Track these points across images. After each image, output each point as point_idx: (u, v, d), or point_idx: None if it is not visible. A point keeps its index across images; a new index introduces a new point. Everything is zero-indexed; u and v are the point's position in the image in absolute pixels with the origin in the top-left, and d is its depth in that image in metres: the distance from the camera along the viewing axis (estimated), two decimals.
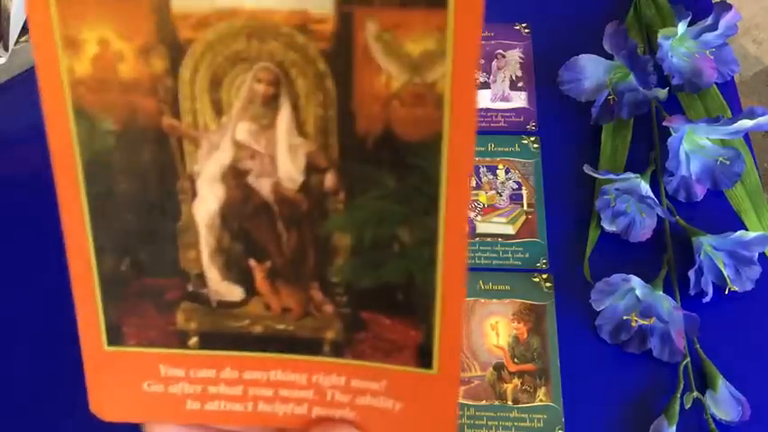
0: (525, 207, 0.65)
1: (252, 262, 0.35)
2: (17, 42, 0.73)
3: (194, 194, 0.34)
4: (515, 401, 0.56)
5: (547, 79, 0.72)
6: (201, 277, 0.35)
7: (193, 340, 0.36)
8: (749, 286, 0.60)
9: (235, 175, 0.33)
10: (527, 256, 0.63)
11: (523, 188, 0.66)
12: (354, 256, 0.34)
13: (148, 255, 0.35)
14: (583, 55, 0.69)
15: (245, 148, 0.33)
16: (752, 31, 0.99)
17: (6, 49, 0.72)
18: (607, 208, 0.62)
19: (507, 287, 0.61)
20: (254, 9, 0.30)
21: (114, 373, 0.36)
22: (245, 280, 0.35)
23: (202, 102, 0.32)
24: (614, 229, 0.63)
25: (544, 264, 0.63)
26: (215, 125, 0.33)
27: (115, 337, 0.36)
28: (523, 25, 0.76)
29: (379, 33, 0.30)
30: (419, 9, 0.30)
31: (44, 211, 0.66)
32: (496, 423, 0.55)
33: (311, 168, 0.33)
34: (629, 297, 0.59)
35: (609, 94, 0.67)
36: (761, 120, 0.59)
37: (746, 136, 0.66)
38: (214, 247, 0.35)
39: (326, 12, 0.30)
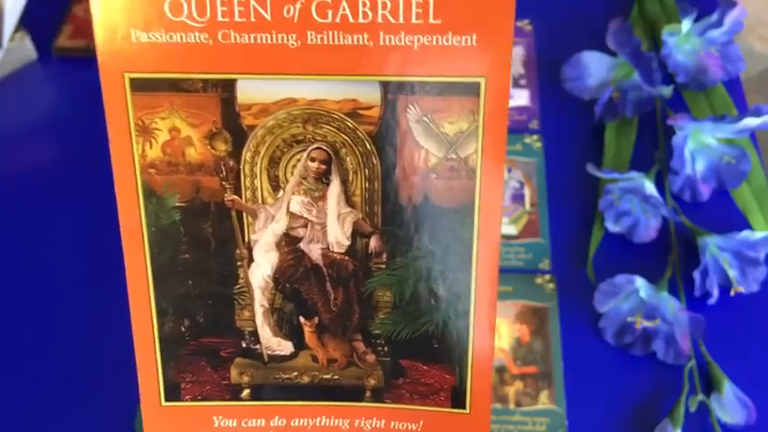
0: (527, 207, 0.65)
1: (301, 319, 0.39)
2: (11, 39, 0.72)
3: (251, 260, 0.38)
4: (517, 405, 0.56)
5: (549, 77, 0.71)
6: (255, 334, 0.39)
7: (246, 393, 0.40)
8: (755, 287, 0.59)
9: (288, 242, 0.38)
10: (529, 256, 0.62)
11: (526, 188, 0.66)
12: (395, 311, 0.38)
13: (206, 316, 0.39)
14: (586, 52, 0.69)
15: (299, 218, 0.38)
16: (758, 29, 0.98)
17: (0, 45, 0.71)
18: (611, 208, 0.62)
19: (509, 288, 0.60)
20: (310, 99, 0.35)
21: (171, 427, 0.40)
22: (295, 335, 0.39)
23: (261, 179, 0.37)
24: (618, 229, 0.62)
25: (547, 265, 0.62)
26: (272, 199, 0.38)
27: (172, 393, 0.40)
28: (526, 22, 0.76)
29: (420, 117, 0.36)
30: (455, 96, 0.35)
31: (39, 209, 0.66)
32: (498, 426, 0.55)
33: (357, 234, 0.38)
34: (633, 298, 0.58)
35: (612, 92, 0.67)
36: (767, 118, 0.58)
37: (753, 135, 0.65)
38: (267, 306, 0.39)
39: (374, 100, 0.35)
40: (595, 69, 0.69)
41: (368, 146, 0.36)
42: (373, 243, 0.38)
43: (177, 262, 0.38)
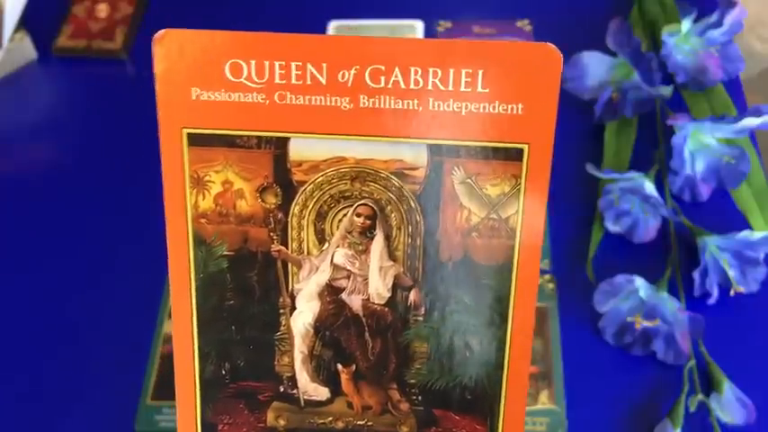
0: None
1: (339, 366, 0.40)
2: (11, 39, 0.72)
3: (293, 308, 0.40)
4: None
5: None
6: (293, 380, 0.40)
7: None
8: (755, 287, 0.59)
9: (330, 293, 0.40)
10: None
11: None
12: (430, 361, 0.40)
13: (247, 360, 0.40)
14: (585, 52, 0.69)
15: (342, 270, 0.39)
16: (757, 29, 0.98)
17: (0, 45, 0.71)
18: (610, 208, 0.62)
19: None
20: (358, 158, 0.37)
21: None
22: (332, 382, 0.40)
23: (308, 231, 0.39)
24: (618, 229, 0.62)
25: (547, 265, 0.62)
26: (317, 251, 0.39)
27: None
28: (525, 21, 0.76)
29: (464, 179, 0.37)
30: (499, 160, 0.37)
31: (39, 209, 0.66)
32: None
33: (398, 286, 0.39)
34: (632, 298, 0.58)
35: (612, 92, 0.67)
36: (767, 118, 0.58)
37: (752, 135, 0.65)
38: (306, 353, 0.40)
39: (420, 161, 0.37)
40: (595, 69, 0.69)
41: (412, 204, 0.38)
42: (413, 296, 0.39)
43: (222, 308, 0.39)
